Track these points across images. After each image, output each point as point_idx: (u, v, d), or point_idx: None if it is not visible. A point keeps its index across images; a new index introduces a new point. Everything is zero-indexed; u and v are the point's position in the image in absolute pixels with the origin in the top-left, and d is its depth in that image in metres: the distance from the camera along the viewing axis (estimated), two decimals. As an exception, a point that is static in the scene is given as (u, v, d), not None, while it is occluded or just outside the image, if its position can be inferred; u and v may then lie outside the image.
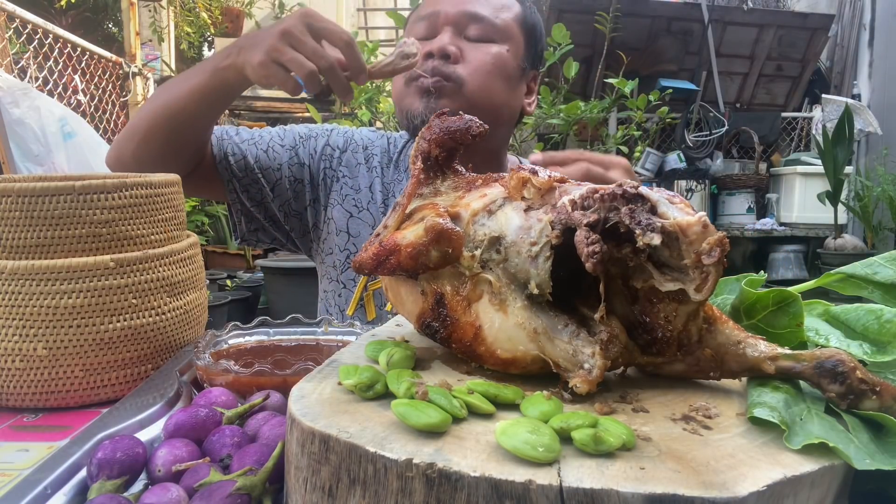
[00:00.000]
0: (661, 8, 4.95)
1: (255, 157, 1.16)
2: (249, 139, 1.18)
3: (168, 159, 1.04)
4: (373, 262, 0.50)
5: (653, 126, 3.93)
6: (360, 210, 1.21)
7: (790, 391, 0.42)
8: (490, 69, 1.12)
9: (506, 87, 1.16)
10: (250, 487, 0.43)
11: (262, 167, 1.17)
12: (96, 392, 0.69)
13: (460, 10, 1.12)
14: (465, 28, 1.13)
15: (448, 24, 1.12)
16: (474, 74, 1.11)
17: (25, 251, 0.67)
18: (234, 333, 0.78)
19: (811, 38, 5.18)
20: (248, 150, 1.16)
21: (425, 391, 0.40)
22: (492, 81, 1.13)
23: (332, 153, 1.23)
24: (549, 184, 0.48)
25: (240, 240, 1.25)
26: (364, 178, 1.22)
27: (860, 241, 4.40)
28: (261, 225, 1.22)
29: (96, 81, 3.71)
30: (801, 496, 0.35)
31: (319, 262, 1.27)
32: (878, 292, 0.52)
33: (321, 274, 1.28)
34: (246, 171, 1.16)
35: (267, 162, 1.18)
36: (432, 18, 1.14)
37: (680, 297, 0.43)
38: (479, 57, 1.12)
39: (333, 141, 1.24)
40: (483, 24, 1.12)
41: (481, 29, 1.13)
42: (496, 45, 1.14)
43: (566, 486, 0.32)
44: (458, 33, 1.12)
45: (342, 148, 1.24)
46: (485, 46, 1.13)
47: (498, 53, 1.13)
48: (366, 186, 1.22)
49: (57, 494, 0.46)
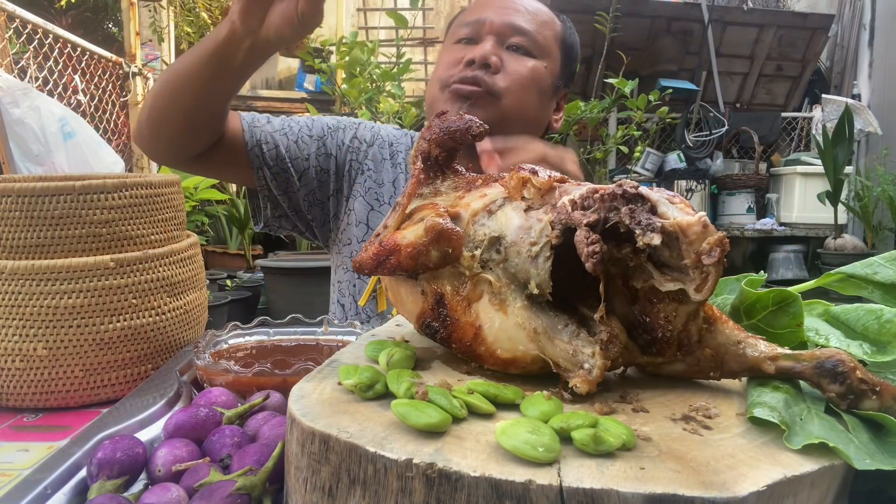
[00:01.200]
0: (661, 8, 4.95)
1: (286, 147, 1.18)
2: (280, 129, 1.20)
3: (183, 132, 1.04)
4: (373, 262, 0.50)
5: (653, 126, 3.94)
6: (381, 204, 1.23)
7: (790, 391, 0.42)
8: (527, 83, 1.13)
9: (538, 101, 1.17)
10: (250, 487, 0.43)
11: (292, 157, 1.19)
12: (96, 392, 0.69)
13: (506, 21, 1.13)
14: (507, 38, 1.13)
15: (492, 33, 1.13)
16: (512, 86, 1.12)
17: (25, 251, 0.67)
18: (234, 333, 0.78)
19: (811, 38, 5.18)
20: (279, 139, 1.18)
21: (425, 391, 0.40)
22: (527, 95, 1.14)
23: (360, 146, 1.25)
24: (549, 184, 0.48)
25: (262, 225, 1.27)
26: (388, 174, 1.24)
27: (860, 241, 4.40)
28: (284, 212, 1.24)
29: (96, 81, 3.71)
30: (801, 496, 0.35)
31: (336, 252, 1.28)
32: (878, 292, 0.52)
33: (336, 264, 1.29)
34: (277, 161, 1.17)
35: (297, 152, 1.19)
36: (477, 25, 1.14)
37: (680, 297, 0.43)
38: (518, 70, 1.12)
39: (361, 134, 1.26)
40: (526, 38, 1.13)
41: (523, 42, 1.14)
42: (535, 60, 1.15)
43: (566, 486, 0.32)
44: (500, 43, 1.13)
45: (369, 142, 1.26)
46: (524, 59, 1.14)
47: (536, 67, 1.14)
48: (389, 182, 1.24)
49: (57, 494, 0.46)
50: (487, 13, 1.15)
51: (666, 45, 5.02)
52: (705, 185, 4.95)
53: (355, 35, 3.11)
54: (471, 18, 1.16)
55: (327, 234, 1.28)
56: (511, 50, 1.13)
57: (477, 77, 1.09)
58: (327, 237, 1.29)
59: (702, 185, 4.93)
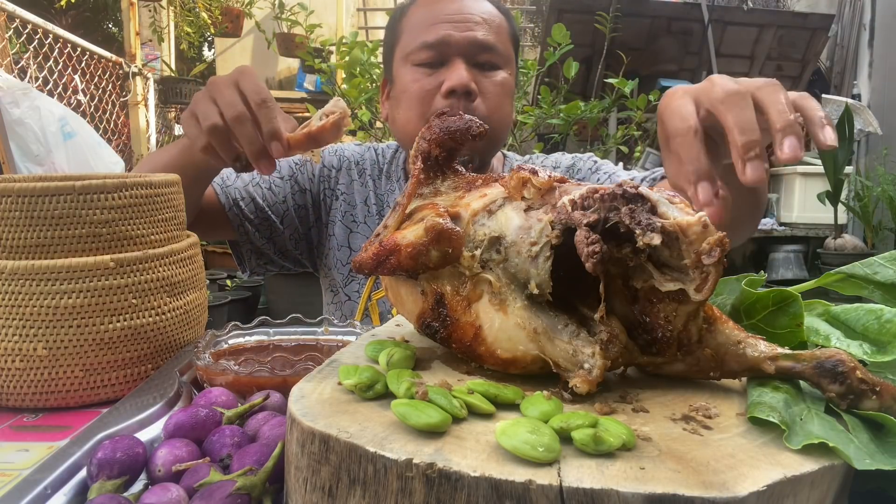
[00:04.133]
0: (661, 8, 4.95)
1: (262, 197, 1.20)
2: (251, 181, 1.21)
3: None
4: (373, 262, 0.50)
5: (653, 126, 3.93)
6: (358, 224, 1.25)
7: (790, 391, 0.42)
8: (503, 99, 1.14)
9: (511, 106, 1.19)
10: (250, 487, 0.43)
11: (270, 204, 1.21)
12: (96, 392, 0.69)
13: (470, 38, 1.10)
14: (474, 57, 1.11)
15: (459, 54, 1.09)
16: (492, 109, 1.11)
17: (25, 251, 0.67)
18: (234, 333, 0.78)
19: (811, 38, 5.18)
20: (254, 191, 1.20)
21: (425, 391, 0.40)
22: (504, 110, 1.15)
23: (330, 173, 1.28)
24: (549, 184, 0.48)
25: (248, 273, 1.30)
26: (359, 194, 1.26)
27: (860, 241, 4.40)
28: (270, 258, 1.27)
29: (96, 81, 3.71)
30: (801, 496, 0.35)
31: (324, 276, 1.32)
32: (878, 292, 0.52)
33: (325, 287, 1.33)
34: (257, 212, 1.20)
35: (273, 198, 1.22)
36: (441, 47, 1.10)
37: (680, 297, 0.43)
38: (494, 90, 1.12)
39: (328, 162, 1.28)
40: (493, 53, 1.12)
41: (491, 57, 1.12)
42: (502, 72, 1.14)
43: (566, 486, 0.32)
44: (469, 62, 1.10)
45: (337, 167, 1.29)
46: (494, 75, 1.13)
47: (506, 80, 1.14)
48: (361, 202, 1.26)
49: (57, 494, 0.46)
50: (449, 30, 1.10)
51: (666, 45, 5.02)
52: (705, 185, 4.94)
53: (355, 35, 3.11)
54: (433, 39, 1.10)
55: (315, 262, 1.32)
56: (480, 68, 1.11)
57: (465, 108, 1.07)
58: (315, 264, 1.32)
59: (702, 185, 4.92)
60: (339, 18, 5.24)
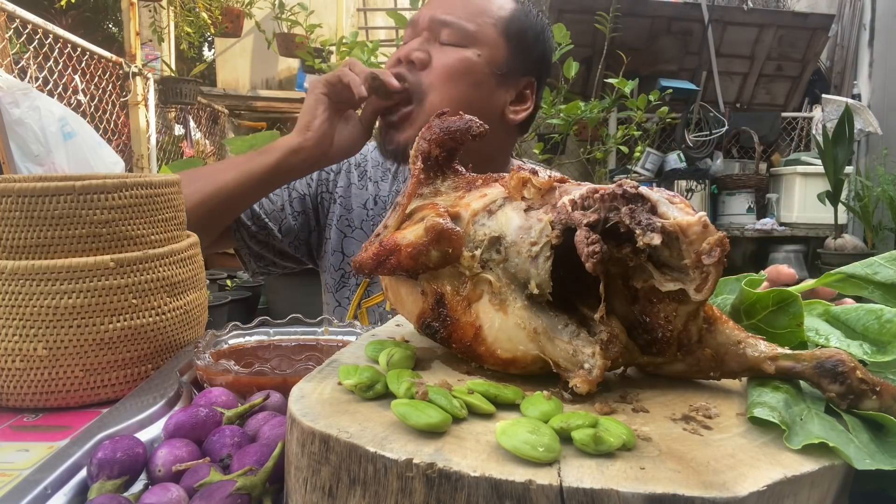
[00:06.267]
0: (661, 8, 4.95)
1: (259, 206, 1.20)
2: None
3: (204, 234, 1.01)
4: (373, 262, 0.50)
5: (653, 126, 3.94)
6: (353, 230, 1.24)
7: (790, 391, 0.42)
8: (454, 74, 1.08)
9: (475, 92, 1.11)
10: (250, 487, 0.43)
11: (268, 212, 1.21)
12: (96, 392, 0.69)
13: (432, 16, 1.11)
14: (438, 34, 1.10)
15: (425, 29, 1.11)
16: (437, 81, 1.08)
17: (25, 251, 0.67)
18: (234, 333, 0.78)
19: (811, 38, 5.18)
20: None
21: (425, 391, 0.40)
22: (456, 87, 1.09)
23: (328, 177, 1.28)
24: (549, 184, 0.48)
25: (252, 274, 1.32)
26: (356, 198, 1.25)
27: (860, 241, 4.40)
28: (270, 261, 1.27)
29: (96, 81, 3.71)
30: (801, 496, 0.35)
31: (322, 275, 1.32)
32: (878, 292, 0.52)
33: (323, 287, 1.33)
34: (254, 220, 1.20)
35: (270, 206, 1.22)
36: (412, 25, 1.15)
37: (680, 297, 0.43)
38: (444, 62, 1.09)
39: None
40: (452, 29, 1.10)
41: (452, 34, 1.10)
42: (467, 50, 1.10)
43: (566, 486, 0.32)
44: (433, 39, 1.11)
45: (336, 170, 1.28)
46: (453, 51, 1.09)
47: (465, 58, 1.09)
48: (359, 206, 1.25)
49: (57, 494, 0.46)
50: (422, 10, 1.14)
51: (666, 45, 5.03)
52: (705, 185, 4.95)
53: (355, 35, 3.11)
54: (412, 18, 1.16)
55: (316, 262, 1.32)
56: (443, 45, 1.10)
57: (400, 74, 1.07)
58: (317, 264, 1.33)
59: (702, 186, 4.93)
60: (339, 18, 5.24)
